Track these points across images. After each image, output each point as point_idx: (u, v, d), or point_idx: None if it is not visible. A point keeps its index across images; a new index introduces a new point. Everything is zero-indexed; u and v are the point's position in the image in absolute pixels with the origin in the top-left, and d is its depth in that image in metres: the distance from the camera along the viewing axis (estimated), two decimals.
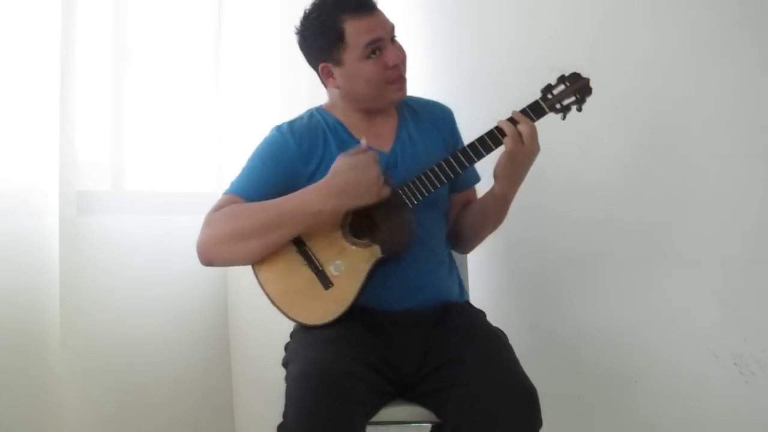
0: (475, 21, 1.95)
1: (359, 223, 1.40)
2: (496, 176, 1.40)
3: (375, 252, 1.36)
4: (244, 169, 1.47)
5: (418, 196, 1.38)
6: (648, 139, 1.62)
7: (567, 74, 1.36)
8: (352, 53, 1.41)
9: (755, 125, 1.47)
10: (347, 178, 1.33)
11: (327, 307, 1.37)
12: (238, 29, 2.07)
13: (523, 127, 1.34)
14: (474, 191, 1.61)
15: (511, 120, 1.35)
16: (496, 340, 1.37)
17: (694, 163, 1.55)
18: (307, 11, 1.46)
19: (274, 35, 2.09)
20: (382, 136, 1.51)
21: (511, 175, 1.39)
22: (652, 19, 1.61)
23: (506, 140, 1.35)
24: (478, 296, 1.68)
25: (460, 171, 1.37)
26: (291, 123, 1.51)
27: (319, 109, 1.55)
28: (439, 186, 1.38)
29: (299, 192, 1.37)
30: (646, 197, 1.63)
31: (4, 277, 1.51)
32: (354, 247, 1.38)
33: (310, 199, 1.34)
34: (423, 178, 1.38)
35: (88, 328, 1.65)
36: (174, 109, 1.94)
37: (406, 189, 1.38)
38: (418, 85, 1.61)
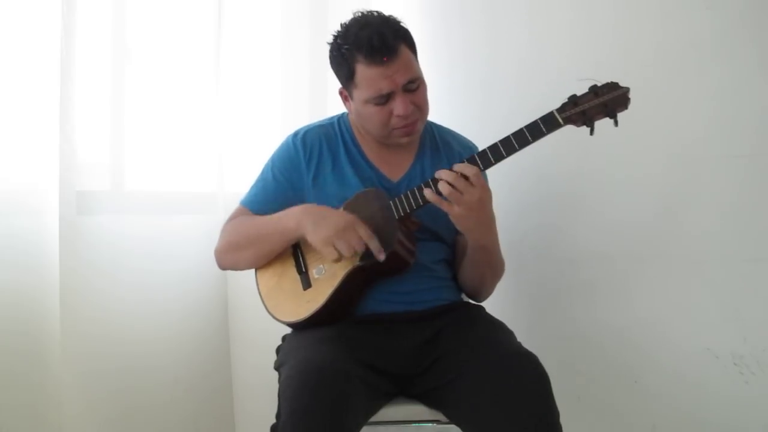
0: (481, 25, 1.95)
1: None
2: (461, 230, 1.36)
3: (353, 259, 1.36)
4: (257, 180, 1.54)
5: (406, 208, 1.36)
6: (648, 139, 1.61)
7: (600, 84, 1.24)
8: (359, 95, 1.40)
9: (755, 125, 1.47)
10: (327, 225, 1.33)
11: (300, 306, 1.39)
12: (238, 30, 2.07)
13: (456, 182, 1.26)
14: None
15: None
16: (496, 327, 1.40)
17: (694, 163, 1.55)
18: (335, 32, 1.42)
19: (274, 35, 2.09)
20: (395, 164, 1.50)
21: (470, 228, 1.34)
22: (652, 19, 1.61)
23: (436, 198, 1.29)
24: None
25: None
26: (308, 131, 1.52)
27: (343, 119, 1.55)
28: (422, 203, 1.34)
29: (282, 212, 1.42)
30: (646, 197, 1.63)
31: (4, 277, 1.51)
32: None
33: (288, 219, 1.40)
34: (415, 191, 1.35)
35: (88, 328, 1.65)
36: (174, 109, 1.93)
37: (396, 201, 1.38)
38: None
